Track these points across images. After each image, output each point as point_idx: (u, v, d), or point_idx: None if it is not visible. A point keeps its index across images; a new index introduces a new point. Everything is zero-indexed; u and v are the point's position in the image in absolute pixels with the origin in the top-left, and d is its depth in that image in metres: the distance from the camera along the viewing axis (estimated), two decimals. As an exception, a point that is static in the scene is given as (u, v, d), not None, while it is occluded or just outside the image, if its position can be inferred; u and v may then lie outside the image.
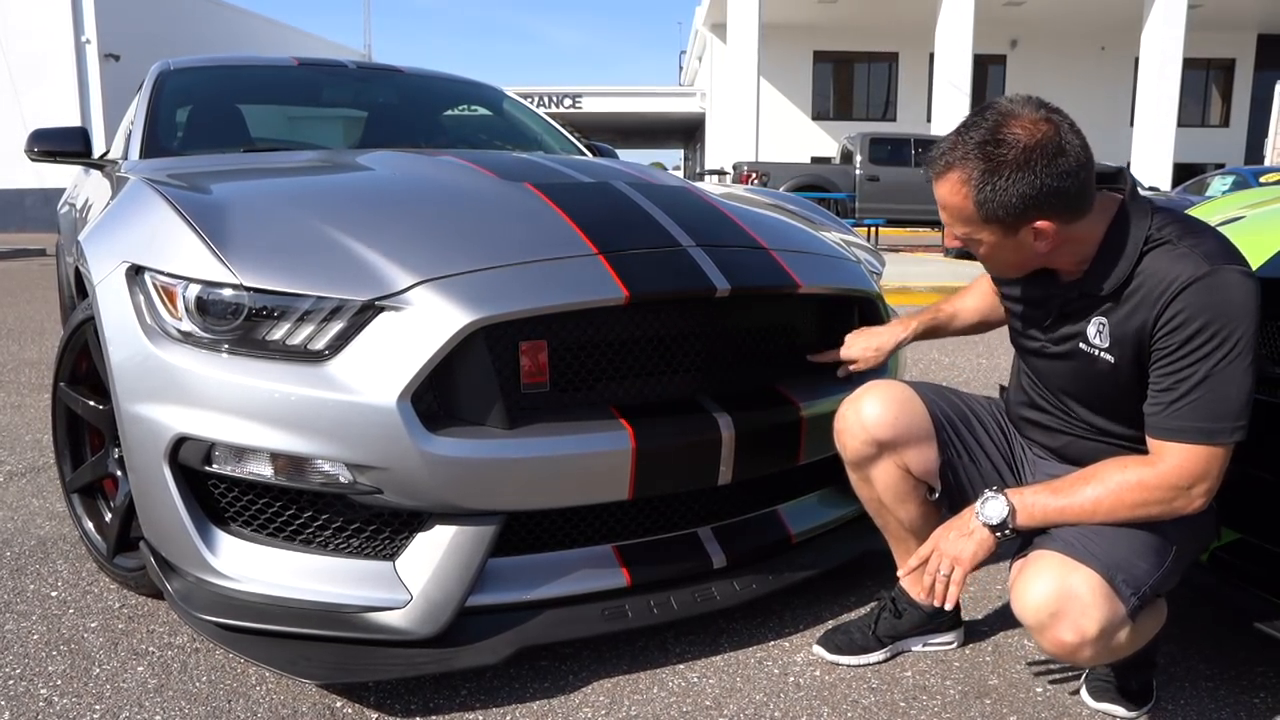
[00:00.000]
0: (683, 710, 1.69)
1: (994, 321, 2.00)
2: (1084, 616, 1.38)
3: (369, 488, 1.66)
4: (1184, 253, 1.42)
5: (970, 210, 1.46)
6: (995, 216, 1.44)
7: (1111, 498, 1.45)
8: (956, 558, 1.50)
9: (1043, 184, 1.39)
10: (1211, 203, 2.78)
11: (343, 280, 1.70)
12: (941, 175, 1.48)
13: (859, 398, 1.77)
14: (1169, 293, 1.41)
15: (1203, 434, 1.41)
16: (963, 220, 1.49)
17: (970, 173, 1.43)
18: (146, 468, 1.75)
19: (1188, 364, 1.40)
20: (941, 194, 1.49)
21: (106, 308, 1.85)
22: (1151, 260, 1.45)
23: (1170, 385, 1.43)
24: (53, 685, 1.74)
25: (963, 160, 1.44)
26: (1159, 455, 1.45)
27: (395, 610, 1.69)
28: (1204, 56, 24.69)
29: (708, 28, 25.81)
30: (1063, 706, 1.71)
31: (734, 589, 1.92)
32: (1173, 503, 1.44)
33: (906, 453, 1.73)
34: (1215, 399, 1.39)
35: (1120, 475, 1.46)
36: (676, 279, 1.86)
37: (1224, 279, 1.38)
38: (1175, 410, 1.42)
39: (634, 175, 2.42)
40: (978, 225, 1.48)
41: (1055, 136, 1.39)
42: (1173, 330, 1.41)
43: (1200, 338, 1.39)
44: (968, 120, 1.47)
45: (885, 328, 2.03)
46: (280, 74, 3.71)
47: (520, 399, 1.77)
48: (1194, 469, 1.42)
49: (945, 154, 1.47)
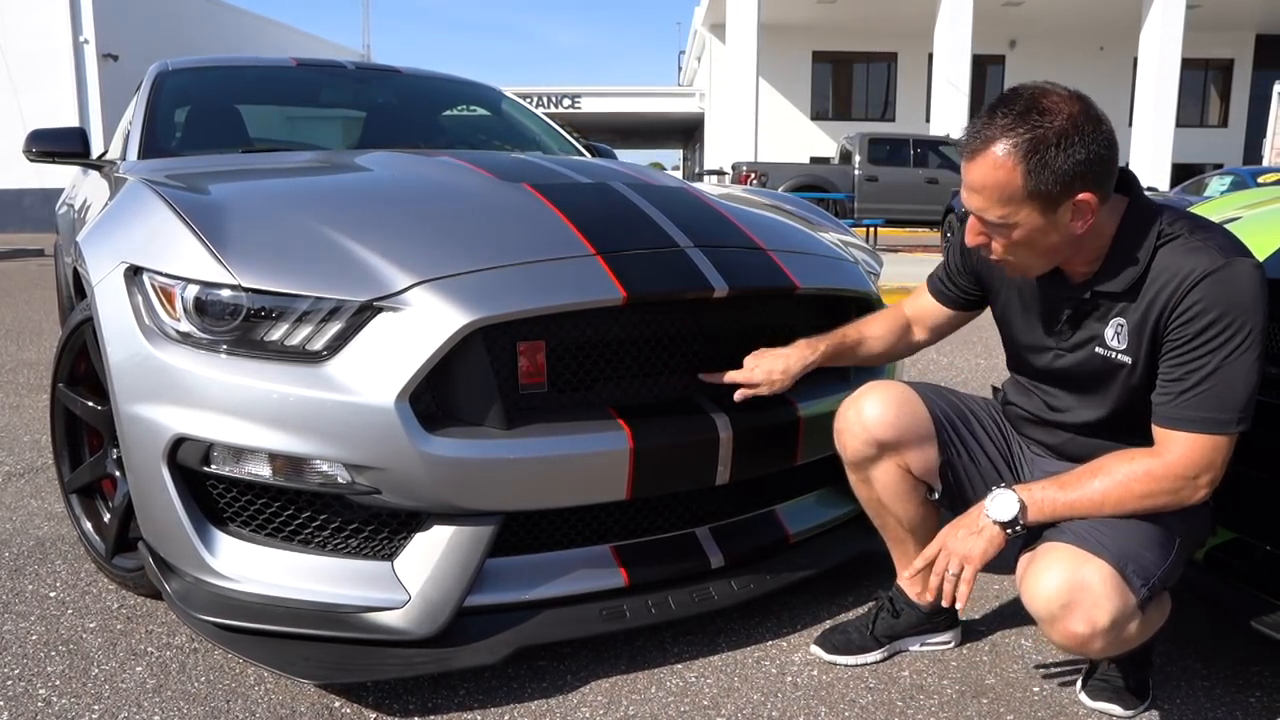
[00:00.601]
0: (680, 710, 1.69)
1: (899, 353, 1.97)
2: (1096, 607, 1.39)
3: (367, 488, 1.67)
4: (1197, 246, 1.43)
5: (1016, 185, 1.40)
6: (1041, 190, 1.40)
7: (1119, 489, 1.46)
8: (967, 555, 1.50)
9: (1089, 151, 1.38)
10: (1208, 204, 2.78)
11: (341, 281, 1.70)
12: (980, 152, 1.42)
13: (859, 398, 1.77)
14: (1185, 284, 1.42)
15: (1211, 424, 1.42)
16: (1003, 200, 1.42)
17: (1017, 143, 1.39)
18: (145, 468, 1.75)
19: (1200, 355, 1.42)
20: (980, 174, 1.43)
21: (105, 308, 1.85)
22: (1165, 255, 1.46)
23: (1181, 375, 1.44)
24: (51, 685, 1.75)
25: (1007, 132, 1.39)
26: (1165, 445, 1.46)
27: (393, 610, 1.69)
28: (1202, 57, 24.70)
29: (706, 28, 25.81)
30: (1059, 706, 1.71)
31: (732, 589, 1.92)
32: (1179, 493, 1.46)
33: (907, 453, 1.74)
34: (1224, 390, 1.41)
35: (1127, 467, 1.47)
36: (674, 280, 1.87)
37: (1238, 271, 1.40)
38: (1185, 400, 1.44)
39: (632, 176, 2.42)
40: (1019, 204, 1.42)
41: (1089, 106, 1.41)
42: (1188, 321, 1.42)
43: (1214, 329, 1.40)
44: (996, 102, 1.44)
45: (792, 349, 1.85)
46: (279, 75, 3.71)
47: (518, 399, 1.78)
48: (1200, 459, 1.44)
49: (982, 131, 1.42)
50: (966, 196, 1.49)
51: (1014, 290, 1.70)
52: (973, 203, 1.47)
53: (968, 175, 1.46)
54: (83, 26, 19.62)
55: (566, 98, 28.15)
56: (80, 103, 19.64)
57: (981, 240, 1.53)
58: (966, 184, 1.47)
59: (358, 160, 2.57)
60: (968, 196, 1.48)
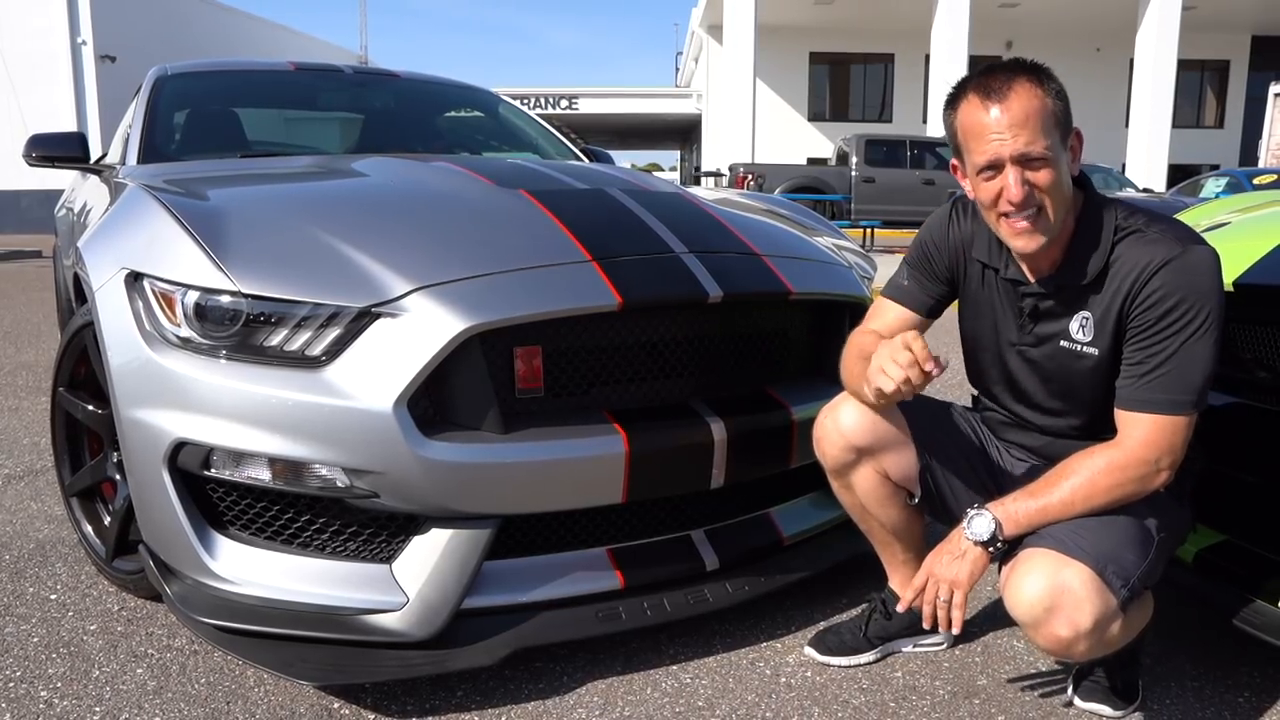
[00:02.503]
0: (675, 710, 1.71)
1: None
2: (1078, 610, 1.41)
3: (366, 491, 1.68)
4: (1155, 237, 1.50)
5: (1049, 109, 1.48)
6: (1061, 115, 1.50)
7: (1086, 486, 1.50)
8: (955, 581, 1.53)
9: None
10: (1201, 207, 2.80)
11: (339, 287, 1.72)
12: (1011, 88, 1.48)
13: (836, 406, 1.77)
14: (1147, 272, 1.48)
15: (1171, 405, 1.48)
16: (1045, 127, 1.47)
17: (1035, 75, 1.49)
18: (145, 472, 1.77)
19: (1162, 339, 1.48)
20: (1019, 106, 1.47)
21: (105, 313, 1.87)
22: (1125, 247, 1.52)
23: (1143, 359, 1.50)
24: (53, 688, 1.76)
25: (1021, 69, 1.50)
26: (1126, 430, 1.52)
27: (392, 612, 1.71)
28: (1198, 58, 24.71)
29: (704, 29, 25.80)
30: (1050, 706, 1.73)
31: (726, 591, 1.94)
32: (1144, 479, 1.50)
33: (885, 458, 1.75)
34: (1185, 371, 1.47)
35: (1090, 463, 1.52)
36: (669, 285, 1.89)
37: (1198, 258, 1.47)
38: (1146, 383, 1.50)
39: (628, 181, 2.44)
40: (1052, 131, 1.49)
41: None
42: (1150, 307, 1.48)
43: (1175, 313, 1.47)
44: (986, 67, 1.54)
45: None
46: (276, 79, 3.72)
47: (515, 404, 1.80)
48: (1161, 441, 1.49)
49: (1000, 74, 1.50)
50: (1007, 140, 1.47)
51: (980, 291, 1.73)
52: (1017, 142, 1.47)
53: (1005, 115, 1.47)
54: (81, 28, 19.59)
55: (563, 99, 28.13)
56: (78, 104, 19.62)
57: (1026, 190, 1.49)
58: (1006, 125, 1.47)
59: (355, 166, 2.59)
60: (1010, 138, 1.47)
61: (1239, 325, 1.92)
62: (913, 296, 1.81)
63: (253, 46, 24.25)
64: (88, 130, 18.33)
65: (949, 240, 1.76)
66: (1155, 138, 19.07)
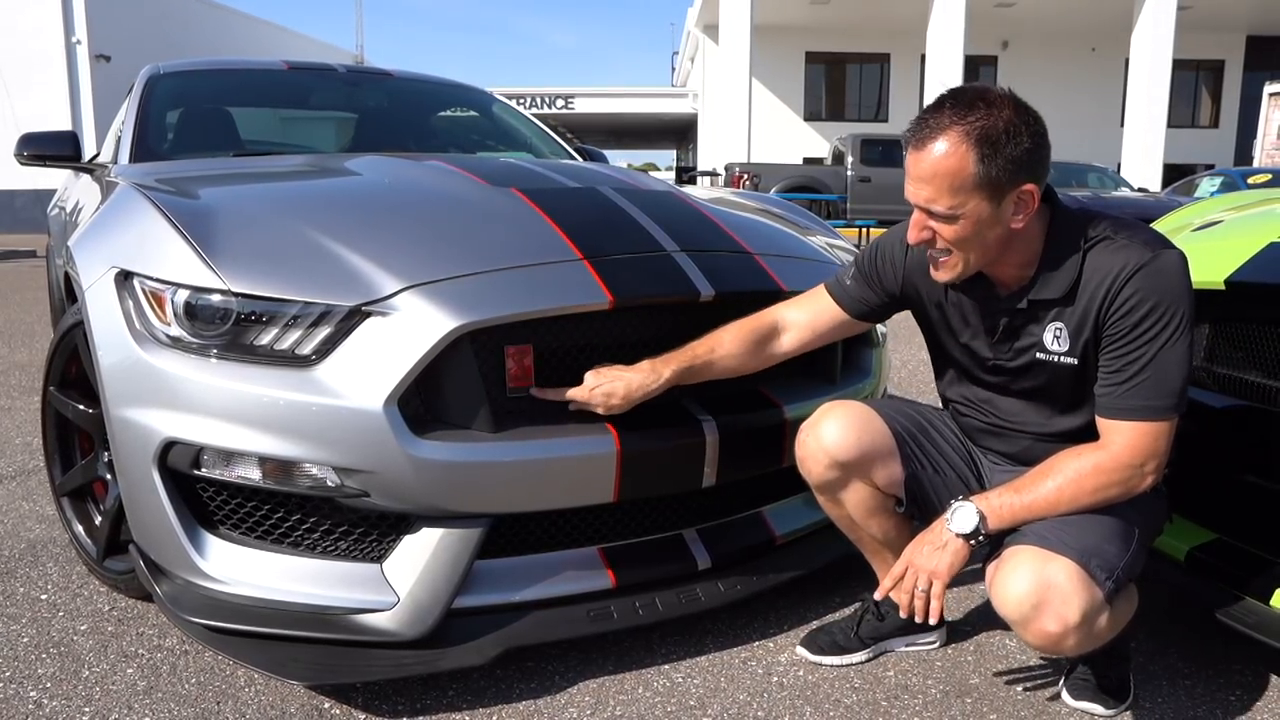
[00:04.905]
0: (667, 710, 1.71)
1: (756, 365, 1.86)
2: (1065, 605, 1.42)
3: (356, 491, 1.68)
4: (1124, 244, 1.50)
5: (968, 172, 1.42)
6: (991, 178, 1.42)
7: (1072, 486, 1.51)
8: (934, 571, 1.52)
9: (1032, 141, 1.43)
10: (1196, 205, 2.81)
11: (330, 286, 1.72)
12: (931, 141, 1.44)
13: (817, 422, 1.75)
14: (1120, 280, 1.48)
15: (1152, 411, 1.48)
16: (953, 189, 1.44)
17: (968, 130, 1.41)
18: (136, 471, 1.77)
19: (1138, 345, 1.48)
20: (931, 163, 1.44)
21: (96, 313, 1.86)
22: (1095, 257, 1.52)
23: (1121, 367, 1.50)
24: (42, 688, 1.76)
25: (957, 121, 1.42)
26: (1110, 437, 1.52)
27: (382, 612, 1.71)
28: (1194, 58, 24.75)
29: (700, 29, 25.81)
30: (1042, 705, 1.73)
31: (718, 590, 1.94)
32: (1128, 482, 1.51)
33: (871, 471, 1.75)
34: (1162, 377, 1.47)
35: (1076, 463, 1.52)
36: (660, 284, 1.88)
37: (1168, 262, 1.48)
38: (1126, 391, 1.49)
39: (620, 180, 2.44)
40: (969, 193, 1.44)
41: (1024, 102, 1.46)
42: (1125, 314, 1.48)
43: (1150, 319, 1.46)
44: (941, 97, 1.48)
45: (634, 372, 1.77)
46: (269, 78, 3.72)
47: (506, 403, 1.79)
48: (1145, 446, 1.49)
49: (931, 120, 1.45)
50: (914, 189, 1.49)
51: (949, 305, 1.71)
52: (921, 194, 1.48)
53: (916, 167, 1.47)
54: (75, 27, 19.55)
55: (559, 98, 28.11)
56: (72, 103, 19.57)
57: (925, 236, 1.53)
58: (915, 176, 1.48)
59: (347, 165, 2.59)
60: (915, 189, 1.49)
61: (1229, 323, 1.92)
62: (850, 298, 1.84)
63: (250, 46, 24.21)
64: (83, 130, 18.30)
65: (905, 260, 1.75)
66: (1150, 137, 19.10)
